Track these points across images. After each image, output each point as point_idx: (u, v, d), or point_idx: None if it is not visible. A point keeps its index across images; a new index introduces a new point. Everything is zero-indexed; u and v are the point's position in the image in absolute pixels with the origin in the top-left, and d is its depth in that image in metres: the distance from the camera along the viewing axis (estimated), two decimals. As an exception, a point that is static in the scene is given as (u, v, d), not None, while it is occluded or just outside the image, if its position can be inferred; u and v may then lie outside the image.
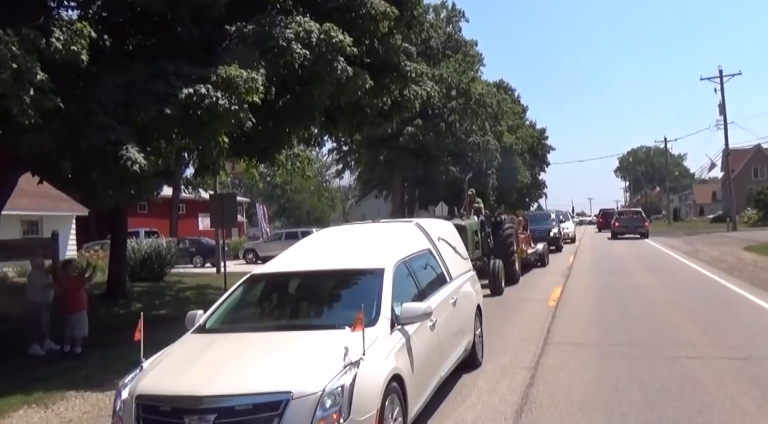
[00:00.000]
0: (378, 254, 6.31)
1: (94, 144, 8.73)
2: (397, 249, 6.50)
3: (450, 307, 6.85)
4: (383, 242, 6.90)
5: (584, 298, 13.87)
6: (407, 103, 14.43)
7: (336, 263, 6.37)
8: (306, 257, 6.77)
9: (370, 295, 5.57)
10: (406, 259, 6.40)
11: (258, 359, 4.87)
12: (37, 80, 7.82)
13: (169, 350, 5.46)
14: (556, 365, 7.90)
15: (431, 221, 8.72)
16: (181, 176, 23.55)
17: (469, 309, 7.72)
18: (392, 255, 6.21)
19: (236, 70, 9.55)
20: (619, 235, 38.27)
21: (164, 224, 38.47)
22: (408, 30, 14.71)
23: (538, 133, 63.77)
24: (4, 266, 17.49)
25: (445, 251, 7.74)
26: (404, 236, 7.31)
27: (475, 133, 38.99)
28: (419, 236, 7.38)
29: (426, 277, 6.81)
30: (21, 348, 10.39)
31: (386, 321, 5.30)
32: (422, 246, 7.18)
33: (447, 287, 7.13)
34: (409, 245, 6.87)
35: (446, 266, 7.44)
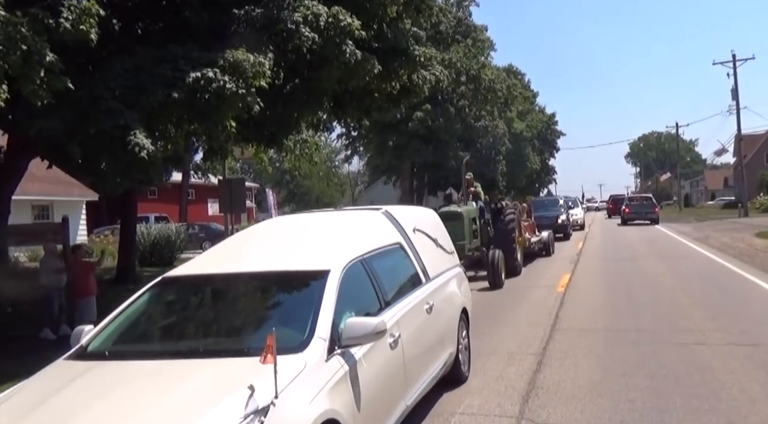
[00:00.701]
0: (327, 251, 5.04)
1: (103, 129, 8.78)
2: (354, 244, 5.24)
3: (423, 314, 5.62)
4: (339, 235, 5.58)
5: (593, 284, 13.84)
6: (416, 88, 14.39)
7: (271, 262, 4.99)
8: (237, 255, 5.40)
9: (304, 306, 4.37)
10: (365, 257, 5.11)
11: (119, 410, 3.45)
12: (47, 61, 7.83)
13: (20, 387, 4.11)
14: (564, 350, 7.89)
15: (406, 209, 7.45)
16: (190, 162, 23.65)
17: (450, 315, 6.48)
18: (345, 252, 4.95)
19: (243, 54, 9.55)
20: (629, 221, 38.06)
21: (174, 210, 38.68)
22: (417, 14, 14.62)
23: (547, 118, 63.32)
24: (16, 251, 17.63)
25: (423, 245, 6.46)
26: (367, 227, 5.97)
27: (484, 119, 38.79)
28: (387, 228, 6.06)
29: (393, 279, 5.53)
30: (32, 333, 10.49)
31: (321, 344, 3.97)
32: (390, 240, 5.87)
33: (421, 289, 5.85)
34: (372, 239, 5.57)
35: (422, 264, 6.16)
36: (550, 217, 26.30)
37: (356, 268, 4.87)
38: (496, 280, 13.48)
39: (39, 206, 23.78)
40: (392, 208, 6.63)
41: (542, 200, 34.21)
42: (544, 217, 25.46)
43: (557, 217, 27.28)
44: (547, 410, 5.78)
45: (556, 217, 27.09)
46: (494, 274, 13.51)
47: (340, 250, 5.03)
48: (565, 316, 10.18)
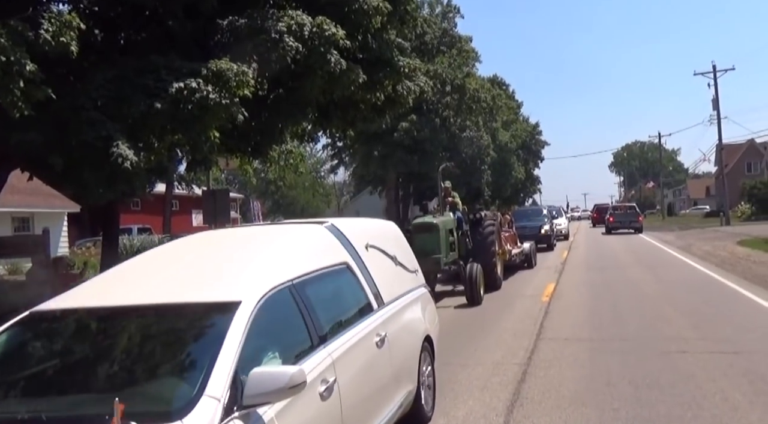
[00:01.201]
0: (244, 275, 4.06)
1: (85, 140, 8.70)
2: (283, 267, 4.26)
3: (372, 349, 4.71)
4: (266, 255, 4.52)
5: (577, 293, 13.88)
6: (401, 98, 14.42)
7: (170, 291, 3.96)
8: (133, 281, 4.29)
9: (199, 352, 3.46)
10: (296, 282, 4.15)
11: None
12: (27, 71, 7.76)
13: None
14: (548, 360, 7.89)
15: (358, 222, 6.49)
16: (174, 172, 23.47)
17: (409, 346, 5.55)
18: (267, 277, 3.99)
19: (227, 64, 9.52)
20: (614, 230, 38.35)
21: (157, 221, 38.38)
22: (401, 25, 14.69)
23: (531, 128, 63.72)
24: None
25: (377, 264, 5.51)
26: (305, 245, 4.91)
27: (469, 129, 38.96)
28: (331, 245, 5.06)
29: (333, 308, 4.66)
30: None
31: (212, 406, 3.00)
32: (334, 259, 4.90)
33: (371, 318, 4.92)
34: (309, 259, 4.61)
35: (375, 287, 5.23)
36: (533, 227, 25.94)
37: (281, 297, 3.92)
38: (474, 296, 12.63)
39: (19, 218, 23.52)
40: (340, 221, 5.64)
41: (525, 210, 33.72)
42: (527, 227, 25.08)
43: (541, 227, 26.82)
44: (532, 420, 5.78)
45: (539, 227, 26.66)
46: (472, 289, 12.64)
47: (262, 274, 4.06)
48: (550, 325, 10.20)
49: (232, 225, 20.24)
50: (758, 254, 19.89)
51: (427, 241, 12.70)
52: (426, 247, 12.39)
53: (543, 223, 27.57)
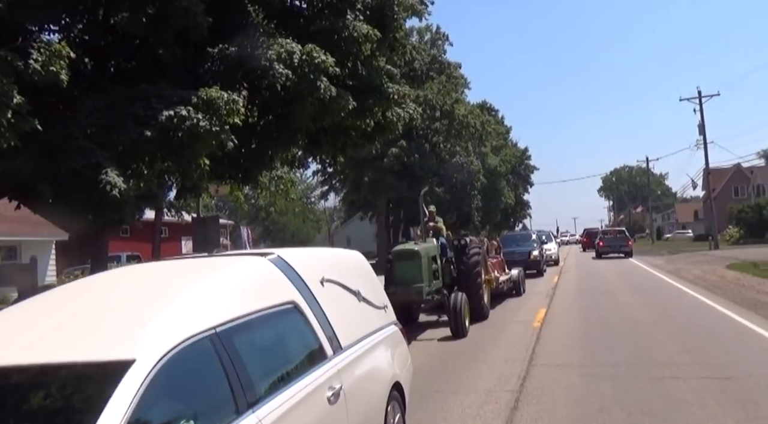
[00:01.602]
0: (149, 325, 3.15)
1: (74, 168, 8.69)
2: (202, 312, 3.41)
3: (322, 406, 3.95)
4: (184, 297, 3.56)
5: (569, 318, 13.85)
6: (390, 124, 14.52)
7: (49, 347, 3.09)
8: (11, 331, 3.39)
9: None
10: (218, 331, 3.32)
11: None
12: (14, 103, 7.76)
13: None
14: (541, 387, 7.83)
15: (312, 253, 5.69)
16: (163, 199, 23.39)
17: (373, 396, 4.82)
18: (176, 327, 3.16)
19: (217, 92, 9.57)
20: (604, 254, 38.44)
21: (146, 248, 38.03)
22: (391, 52, 14.86)
23: (520, 153, 64.19)
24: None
25: (334, 302, 4.72)
26: (238, 283, 3.99)
27: (459, 154, 39.19)
28: (276, 281, 4.25)
29: (271, 359, 3.89)
30: None
31: None
32: (276, 298, 4.08)
33: (323, 368, 4.15)
34: (241, 301, 3.77)
35: (330, 329, 4.45)
36: (522, 253, 25.27)
37: (196, 351, 3.14)
38: (458, 328, 11.78)
39: (6, 247, 23.30)
40: (290, 252, 4.79)
41: (513, 235, 32.80)
42: (516, 253, 24.43)
43: (530, 252, 26.11)
44: (525, 448, 5.70)
45: (528, 252, 25.99)
46: (456, 321, 11.81)
47: (174, 322, 3.22)
48: (542, 351, 10.15)
49: (222, 250, 20.06)
50: (747, 277, 19.96)
51: (409, 269, 12.11)
52: (407, 276, 12.02)
53: (532, 248, 26.84)
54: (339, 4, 12.74)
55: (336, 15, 12.48)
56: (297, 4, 13.24)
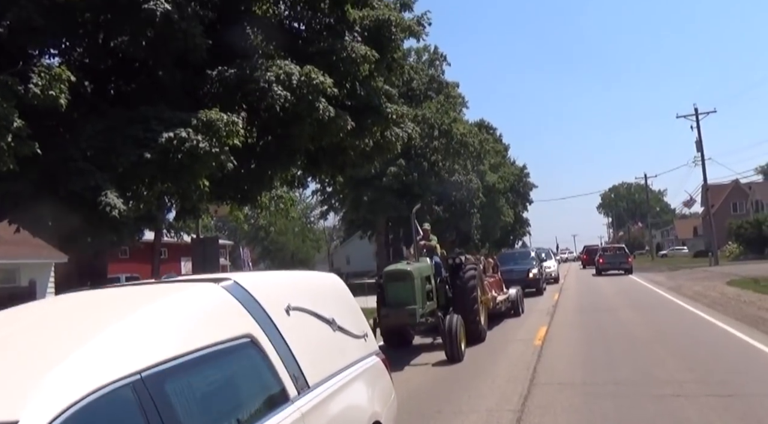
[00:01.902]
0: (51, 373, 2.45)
1: (73, 190, 8.72)
2: (124, 354, 2.74)
3: None
4: (105, 335, 2.81)
5: (570, 336, 13.79)
6: (389, 144, 14.60)
7: None
8: None
9: None
10: (144, 376, 2.68)
11: None
12: (14, 127, 7.81)
13: None
14: (543, 406, 7.78)
15: (277, 277, 5.03)
16: (163, 221, 23.44)
17: None
18: (85, 374, 2.50)
19: (216, 114, 9.65)
20: (604, 271, 38.40)
21: (146, 269, 37.99)
22: (389, 72, 14.99)
23: (519, 170, 64.41)
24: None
25: (302, 333, 4.09)
26: (178, 316, 3.28)
27: (458, 173, 39.31)
28: (228, 311, 3.59)
29: (216, 406, 3.23)
30: None
31: None
32: (229, 332, 3.43)
33: (283, 412, 3.48)
34: (180, 338, 3.09)
35: (295, 365, 3.82)
36: (520, 271, 24.68)
37: (110, 404, 2.50)
38: (454, 352, 11.13)
39: (4, 270, 23.23)
40: (249, 277, 4.21)
41: (512, 253, 31.89)
42: (514, 271, 23.88)
43: (528, 271, 25.35)
44: (528, 469, 5.65)
45: (527, 271, 25.23)
46: (452, 344, 11.14)
47: (81, 369, 2.52)
48: (543, 370, 10.09)
49: (221, 272, 19.83)
50: (748, 294, 19.91)
51: (401, 290, 11.62)
52: (399, 297, 11.57)
53: (531, 266, 26.13)
54: (337, 25, 12.89)
55: (334, 36, 12.62)
56: (295, 26, 13.39)
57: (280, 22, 13.03)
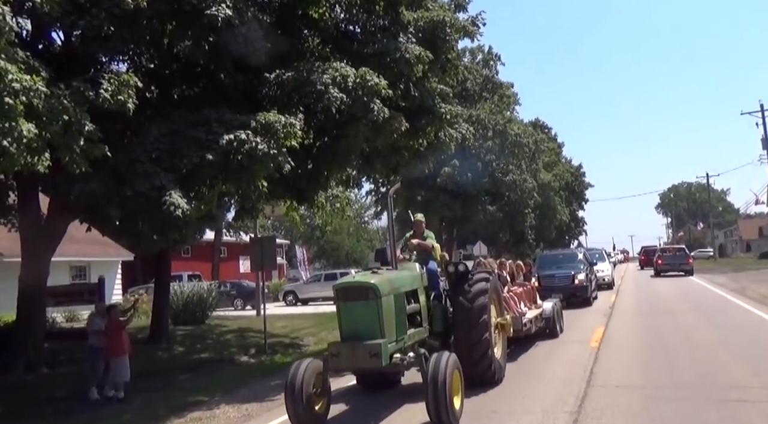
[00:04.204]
0: None
1: (140, 191, 9.08)
2: None
3: None
4: None
5: (628, 338, 13.54)
6: (443, 144, 14.62)
7: None
8: None
9: None
10: None
11: None
12: (86, 131, 8.20)
13: None
14: (600, 408, 7.70)
15: None
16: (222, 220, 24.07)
17: None
18: None
19: (275, 116, 9.88)
20: (663, 272, 37.42)
21: (206, 267, 39.12)
22: (443, 73, 14.99)
23: (574, 169, 63.35)
24: (53, 311, 17.96)
25: None
26: None
27: (512, 172, 38.95)
28: None
29: None
30: (73, 393, 10.60)
31: None
32: None
33: None
34: None
35: None
36: (563, 276, 21.10)
37: None
38: (440, 414, 7.06)
39: (76, 267, 24.28)
40: None
41: (553, 255, 26.31)
42: (556, 277, 20.85)
43: (574, 276, 21.25)
44: (585, 470, 5.63)
45: (572, 276, 21.23)
46: (437, 402, 7.05)
47: None
48: (600, 372, 9.96)
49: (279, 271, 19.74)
50: (818, 297, 19.11)
51: (359, 316, 7.62)
52: (356, 326, 7.62)
53: (577, 271, 21.78)
54: (392, 27, 12.99)
55: (389, 38, 12.72)
56: (351, 28, 13.54)
57: (336, 25, 13.22)
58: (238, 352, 14.86)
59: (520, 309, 12.14)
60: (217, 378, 11.89)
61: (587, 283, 21.42)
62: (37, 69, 8.00)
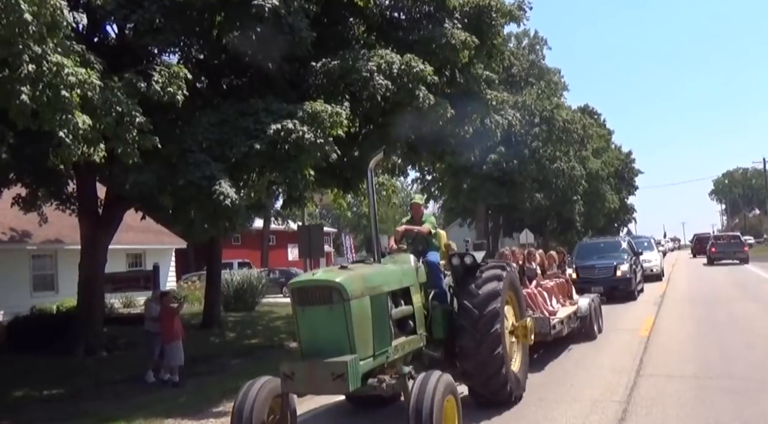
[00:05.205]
0: None
1: (191, 180, 9.29)
2: None
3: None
4: None
5: (679, 328, 13.25)
6: (489, 131, 14.48)
7: None
8: None
9: None
10: None
11: None
12: (137, 122, 8.43)
13: None
14: (650, 398, 7.59)
15: None
16: (271, 209, 24.42)
17: None
18: None
19: (321, 105, 9.95)
20: (716, 261, 36.39)
21: (256, 255, 39.80)
22: (489, 59, 14.82)
23: (624, 156, 61.98)
24: (111, 298, 18.58)
25: None
26: None
27: (559, 160, 38.35)
28: None
29: None
30: (132, 376, 10.98)
31: None
32: None
33: None
34: None
35: None
36: (604, 268, 19.18)
37: None
38: None
39: (133, 254, 25.00)
40: None
41: (593, 244, 24.00)
42: (596, 268, 19.06)
43: (616, 267, 19.17)
44: (635, 460, 5.58)
45: (613, 267, 19.16)
46: None
47: None
48: (651, 361, 9.80)
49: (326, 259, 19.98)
50: None
51: (321, 325, 5.94)
52: (318, 338, 5.92)
53: (620, 261, 19.61)
54: (437, 13, 12.89)
55: (434, 24, 12.65)
56: (396, 15, 13.50)
57: (381, 13, 13.19)
58: (287, 338, 15.09)
59: (550, 307, 10.77)
60: (267, 363, 12.13)
61: (631, 275, 19.37)
62: (91, 62, 8.25)
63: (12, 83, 6.86)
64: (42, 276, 21.21)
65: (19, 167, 11.94)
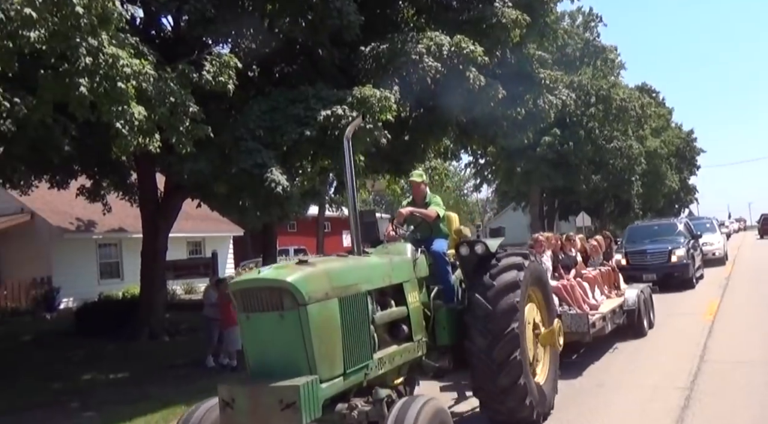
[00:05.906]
0: None
1: (243, 168, 9.41)
2: None
3: None
4: None
5: (746, 312, 12.72)
6: (542, 112, 14.17)
7: None
8: None
9: None
10: None
11: None
12: (191, 112, 8.57)
13: None
14: (715, 385, 7.31)
15: None
16: (325, 195, 24.63)
17: None
18: None
19: (370, 91, 9.91)
20: (785, 242, 34.84)
21: (311, 242, 40.22)
22: (541, 38, 14.50)
23: (685, 135, 59.88)
24: (173, 284, 19.12)
25: None
26: None
27: (617, 139, 37.33)
28: None
29: None
30: (192, 361, 11.28)
31: None
32: None
33: None
34: None
35: None
36: (657, 253, 17.44)
37: None
38: None
39: (192, 242, 25.68)
40: None
41: (646, 227, 21.57)
42: (648, 253, 17.47)
43: (671, 252, 17.28)
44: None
45: (668, 253, 17.28)
46: None
47: None
48: (715, 347, 9.44)
49: None
50: None
51: (269, 336, 4.53)
52: (267, 354, 4.54)
53: (675, 245, 17.70)
54: (487, -8, 12.66)
55: (484, 3, 12.41)
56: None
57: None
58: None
59: (592, 300, 9.50)
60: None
61: (688, 260, 17.38)
62: (144, 53, 8.42)
63: (71, 76, 7.06)
64: (108, 264, 22.07)
65: (82, 159, 12.39)
